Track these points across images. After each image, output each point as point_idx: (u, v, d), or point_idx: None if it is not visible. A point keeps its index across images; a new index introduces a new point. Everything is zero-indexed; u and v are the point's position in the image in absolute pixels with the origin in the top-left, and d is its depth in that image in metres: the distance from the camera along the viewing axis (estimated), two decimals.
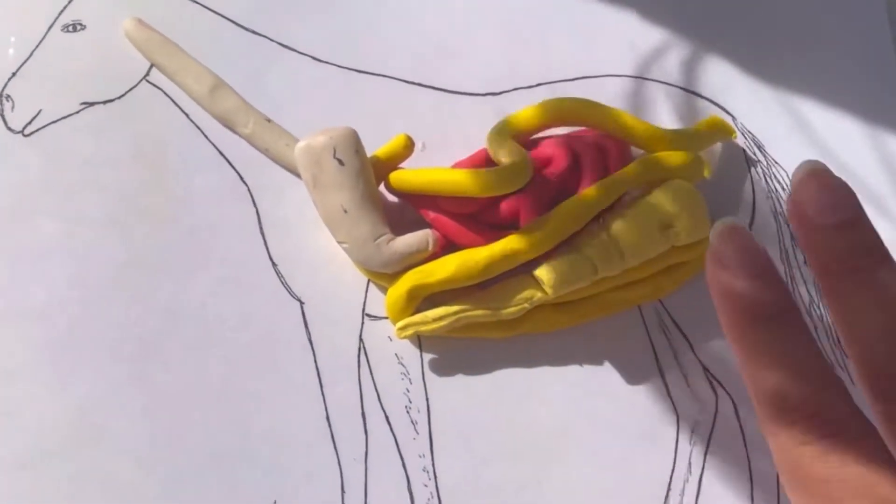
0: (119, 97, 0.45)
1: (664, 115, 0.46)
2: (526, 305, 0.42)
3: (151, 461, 0.41)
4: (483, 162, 0.43)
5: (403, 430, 0.43)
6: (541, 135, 0.44)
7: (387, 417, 0.43)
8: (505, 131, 0.43)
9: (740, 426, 0.44)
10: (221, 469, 0.42)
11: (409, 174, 0.42)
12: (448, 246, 0.43)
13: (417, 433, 0.43)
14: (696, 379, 0.44)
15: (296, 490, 0.42)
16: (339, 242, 0.42)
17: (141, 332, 0.42)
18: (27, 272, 0.43)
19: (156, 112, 0.45)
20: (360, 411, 0.43)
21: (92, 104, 0.44)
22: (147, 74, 0.45)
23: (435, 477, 0.42)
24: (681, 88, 0.47)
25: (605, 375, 0.44)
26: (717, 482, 0.43)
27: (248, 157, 0.44)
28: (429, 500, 0.42)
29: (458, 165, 0.44)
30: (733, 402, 0.44)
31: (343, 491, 0.42)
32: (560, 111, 0.43)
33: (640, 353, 0.44)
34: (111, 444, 0.41)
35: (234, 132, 0.44)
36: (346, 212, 0.41)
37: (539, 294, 0.42)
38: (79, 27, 0.45)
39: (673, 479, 0.43)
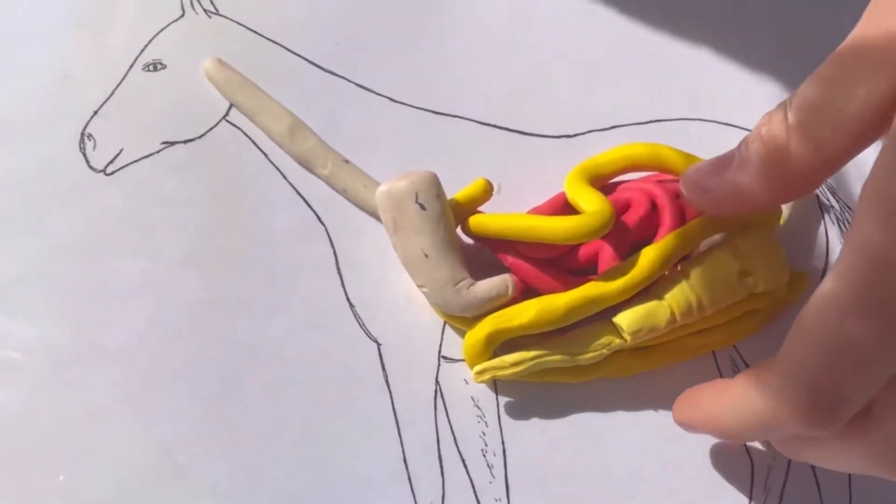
0: (199, 137, 0.45)
1: None
2: (604, 351, 0.42)
3: (230, 501, 0.42)
4: (561, 206, 0.43)
5: (480, 473, 0.43)
6: (618, 179, 0.45)
7: (463, 460, 0.43)
8: (584, 176, 0.43)
9: (814, 471, 0.44)
10: None
11: (489, 219, 0.43)
12: (526, 290, 0.43)
13: (493, 476, 0.43)
14: None
15: None
16: (419, 286, 0.42)
17: (220, 372, 0.43)
18: (108, 311, 0.43)
19: (235, 152, 0.45)
20: (436, 454, 0.43)
21: (172, 143, 0.45)
22: (227, 114, 0.45)
23: None
24: None
25: None
26: None
27: (325, 197, 0.45)
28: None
29: (535, 210, 0.44)
30: None
31: None
32: (638, 156, 0.43)
33: None
34: (191, 484, 0.42)
35: (313, 173, 0.45)
36: (426, 256, 0.41)
37: (617, 340, 0.42)
38: (159, 66, 0.45)
39: None
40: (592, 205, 0.41)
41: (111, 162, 0.44)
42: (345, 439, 0.43)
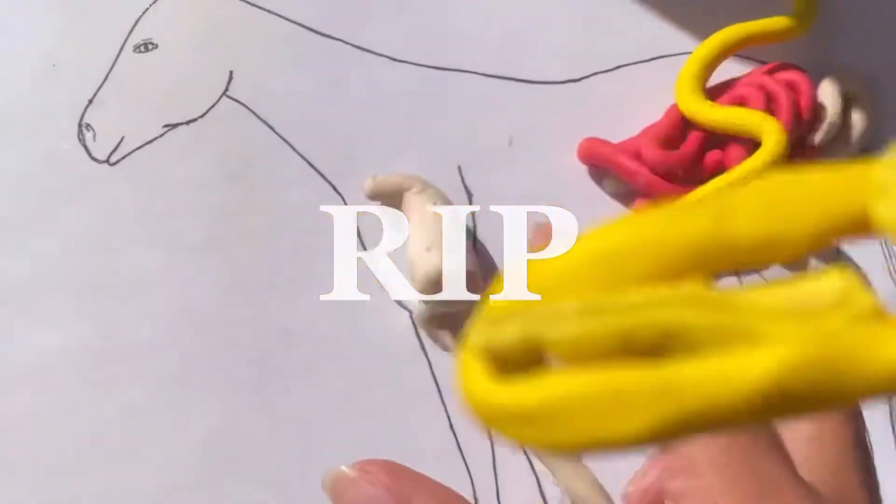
0: (201, 116, 0.43)
1: None
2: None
3: (281, 484, 0.41)
4: (678, 124, 0.43)
5: None
6: (728, 77, 0.45)
7: None
8: (696, 85, 0.43)
9: None
10: None
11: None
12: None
13: None
14: None
15: None
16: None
17: (255, 356, 0.42)
18: (131, 306, 0.41)
19: (240, 127, 0.43)
20: None
21: (175, 125, 0.43)
22: (226, 89, 0.44)
23: None
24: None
25: None
26: None
27: (338, 166, 0.43)
28: (561, 499, 0.42)
29: (651, 131, 0.43)
30: None
31: (476, 499, 0.42)
32: (730, 39, 0.44)
33: None
34: (241, 472, 0.41)
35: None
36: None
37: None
38: (150, 46, 0.43)
39: None
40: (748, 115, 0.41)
41: (114, 151, 0.42)
42: (390, 412, 0.42)
